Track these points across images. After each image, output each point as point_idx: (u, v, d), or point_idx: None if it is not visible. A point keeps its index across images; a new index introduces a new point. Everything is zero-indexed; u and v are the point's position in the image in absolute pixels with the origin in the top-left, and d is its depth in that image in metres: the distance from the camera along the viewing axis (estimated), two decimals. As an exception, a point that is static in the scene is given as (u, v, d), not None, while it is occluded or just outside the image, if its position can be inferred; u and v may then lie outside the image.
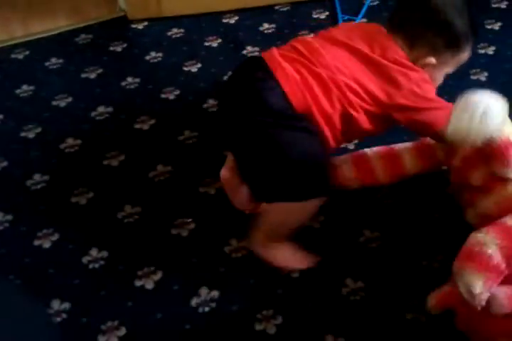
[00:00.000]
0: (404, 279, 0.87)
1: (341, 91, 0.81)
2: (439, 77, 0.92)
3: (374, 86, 0.83)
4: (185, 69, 1.27)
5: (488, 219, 0.76)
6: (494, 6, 1.42)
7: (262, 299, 0.85)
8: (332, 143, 0.85)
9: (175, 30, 1.38)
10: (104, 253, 0.91)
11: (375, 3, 1.44)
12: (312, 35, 1.32)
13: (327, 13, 1.43)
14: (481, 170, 0.84)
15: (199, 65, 1.28)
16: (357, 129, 0.85)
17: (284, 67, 0.83)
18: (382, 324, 0.82)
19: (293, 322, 0.82)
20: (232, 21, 1.41)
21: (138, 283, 0.87)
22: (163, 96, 1.20)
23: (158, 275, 0.87)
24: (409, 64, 0.85)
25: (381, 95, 0.83)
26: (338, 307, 0.84)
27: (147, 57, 1.30)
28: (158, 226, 0.95)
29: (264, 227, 0.86)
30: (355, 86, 0.82)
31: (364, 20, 1.39)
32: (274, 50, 0.88)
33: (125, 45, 1.33)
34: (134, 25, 1.39)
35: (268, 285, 0.87)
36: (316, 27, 1.37)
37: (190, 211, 0.97)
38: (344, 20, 1.40)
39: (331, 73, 0.82)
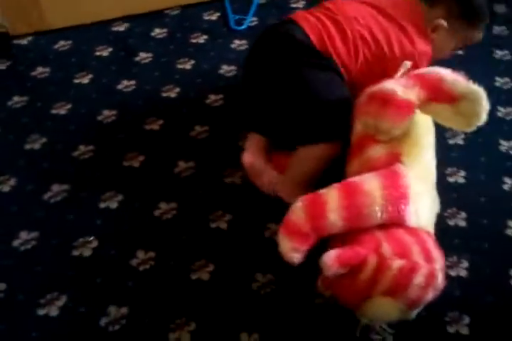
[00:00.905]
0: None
1: (354, 37, 0.91)
2: (445, 47, 0.98)
3: (384, 41, 0.92)
4: (76, 81, 1.22)
5: None
6: None
7: (173, 308, 0.83)
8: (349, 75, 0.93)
9: (62, 42, 1.32)
10: (2, 286, 0.85)
11: (264, 2, 1.46)
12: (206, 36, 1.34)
13: (218, 14, 1.43)
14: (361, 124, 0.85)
15: (90, 76, 1.23)
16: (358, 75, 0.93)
17: (307, 16, 0.94)
18: (293, 311, 0.83)
19: (206, 327, 0.81)
20: (122, 29, 1.37)
21: (41, 312, 0.82)
22: (53, 112, 1.14)
23: (63, 300, 0.83)
24: (423, 33, 0.94)
25: (385, 49, 0.92)
26: (249, 303, 0.84)
27: (34, 73, 1.23)
28: (58, 249, 0.90)
29: (290, 175, 0.93)
30: (367, 35, 0.91)
31: (254, 18, 1.40)
32: (301, 11, 0.99)
33: (9, 63, 1.26)
34: (17, 41, 1.32)
35: (177, 293, 0.85)
36: (209, 29, 1.37)
37: (91, 229, 0.93)
38: (235, 20, 1.40)
39: (348, 21, 0.92)
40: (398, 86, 0.78)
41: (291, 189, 0.93)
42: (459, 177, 1.04)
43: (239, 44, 1.33)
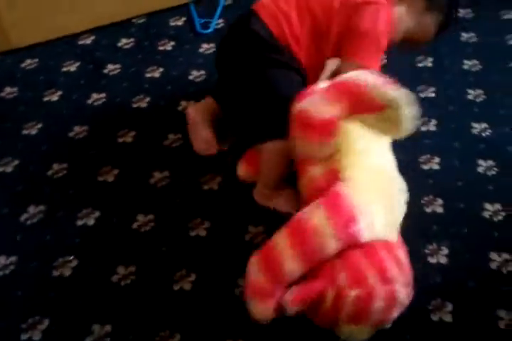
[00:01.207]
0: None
1: (310, 10, 0.91)
2: (402, 25, 0.96)
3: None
4: (45, 99, 1.21)
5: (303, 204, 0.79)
6: None
7: (156, 321, 0.83)
8: (306, 64, 0.94)
9: (28, 60, 1.31)
10: (-15, 311, 0.85)
11: (229, 3, 1.45)
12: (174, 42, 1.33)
13: (184, 19, 1.42)
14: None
15: (59, 93, 1.23)
16: (325, 46, 0.93)
17: (265, 4, 0.95)
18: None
19: (191, 337, 0.81)
20: (89, 42, 1.37)
21: (24, 337, 0.82)
22: (24, 132, 1.14)
23: (45, 324, 0.83)
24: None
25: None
26: (233, 309, 0.84)
27: (2, 94, 1.23)
28: (38, 271, 0.90)
29: (261, 178, 0.94)
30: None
31: (220, 21, 1.40)
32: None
33: (-24, 85, 1.26)
34: (-18, 63, 1.31)
35: (160, 306, 0.85)
36: (175, 35, 1.37)
37: (70, 248, 0.93)
38: (201, 24, 1.40)
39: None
40: (317, 104, 0.75)
41: (262, 191, 0.95)
42: (434, 163, 1.04)
43: (207, 48, 1.32)
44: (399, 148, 1.05)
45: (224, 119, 1.05)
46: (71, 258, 0.91)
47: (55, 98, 1.22)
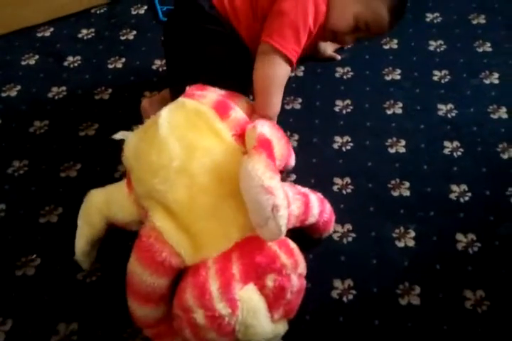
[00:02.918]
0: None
1: None
2: (347, 9, 0.91)
3: None
4: (3, 95, 1.18)
5: None
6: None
7: (124, 318, 0.81)
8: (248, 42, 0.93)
9: (-16, 55, 1.27)
10: None
11: (191, -11, 1.42)
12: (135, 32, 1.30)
13: (146, 7, 1.39)
14: None
15: (18, 88, 1.19)
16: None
17: None
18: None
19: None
20: (48, 34, 1.32)
21: (-13, 338, 0.80)
22: (-18, 129, 1.11)
23: (8, 325, 0.81)
24: None
25: None
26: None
27: (-42, 92, 1.19)
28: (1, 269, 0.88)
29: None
30: None
31: (183, 7, 1.36)
32: None
33: None
34: None
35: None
36: (137, 23, 1.34)
37: (32, 247, 0.91)
38: (164, 12, 1.36)
39: None
40: None
41: None
42: (400, 147, 1.03)
43: (169, 36, 1.29)
44: (366, 131, 1.06)
45: None
46: (34, 256, 0.89)
47: (13, 93, 1.18)
